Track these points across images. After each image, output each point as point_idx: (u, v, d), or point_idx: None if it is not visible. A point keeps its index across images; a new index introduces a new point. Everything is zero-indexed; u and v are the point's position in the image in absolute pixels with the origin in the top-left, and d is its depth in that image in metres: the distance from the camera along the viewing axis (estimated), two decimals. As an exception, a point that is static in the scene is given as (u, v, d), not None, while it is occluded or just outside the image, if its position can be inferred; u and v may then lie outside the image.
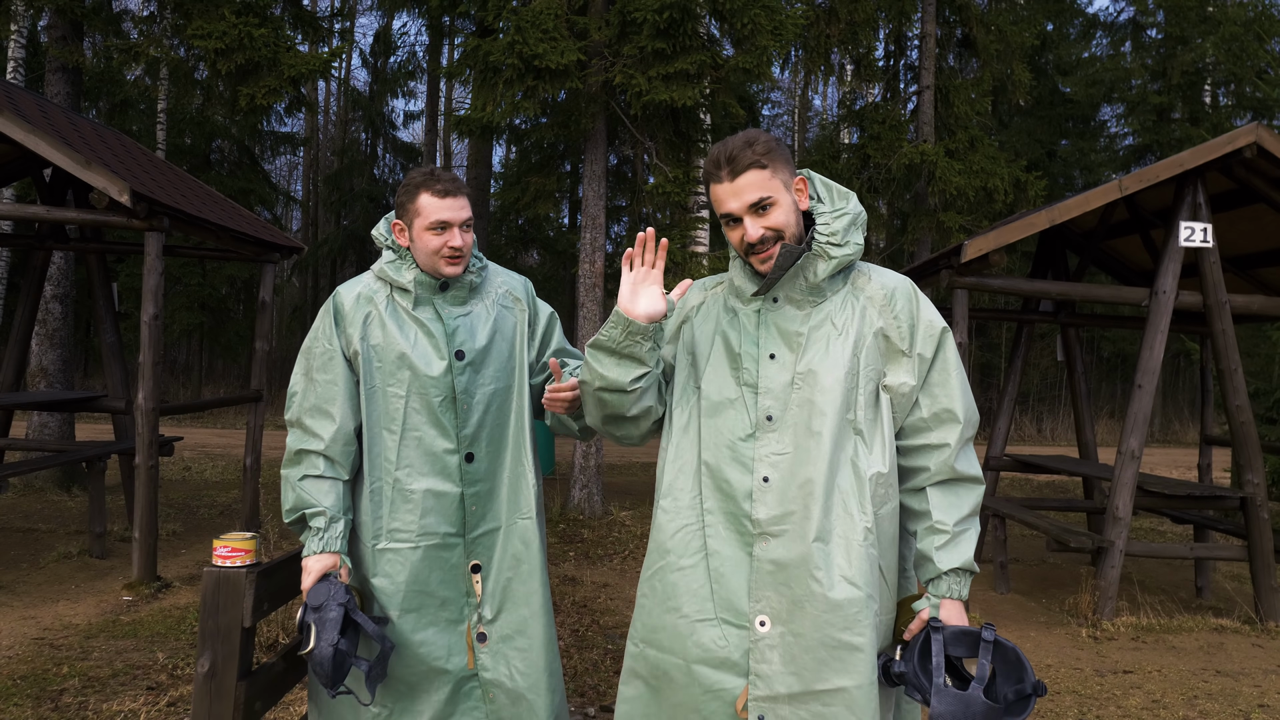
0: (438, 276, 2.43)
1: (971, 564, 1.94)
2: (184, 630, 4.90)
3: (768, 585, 1.93)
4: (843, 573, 1.89)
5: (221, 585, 2.30)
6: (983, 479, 2.00)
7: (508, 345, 2.53)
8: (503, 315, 2.54)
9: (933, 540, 1.95)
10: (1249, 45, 19.02)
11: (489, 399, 2.47)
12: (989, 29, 13.55)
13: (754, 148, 1.92)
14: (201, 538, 7.24)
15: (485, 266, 2.58)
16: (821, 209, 2.02)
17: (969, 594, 1.98)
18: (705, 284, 2.22)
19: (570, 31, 8.57)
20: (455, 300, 2.48)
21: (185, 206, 5.91)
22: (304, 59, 8.94)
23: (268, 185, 21.31)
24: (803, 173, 2.05)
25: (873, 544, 1.91)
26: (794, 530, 1.92)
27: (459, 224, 2.40)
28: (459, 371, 2.43)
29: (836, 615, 1.87)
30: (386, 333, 2.42)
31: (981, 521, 7.32)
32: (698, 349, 2.13)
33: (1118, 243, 7.73)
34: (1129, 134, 22.65)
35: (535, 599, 2.46)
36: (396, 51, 25.83)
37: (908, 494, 2.02)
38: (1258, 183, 5.88)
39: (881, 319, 1.99)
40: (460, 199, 2.41)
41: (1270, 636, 5.69)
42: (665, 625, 2.03)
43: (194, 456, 12.25)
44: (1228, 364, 5.94)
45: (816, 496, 1.91)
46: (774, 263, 1.95)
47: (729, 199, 1.94)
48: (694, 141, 9.78)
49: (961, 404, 1.98)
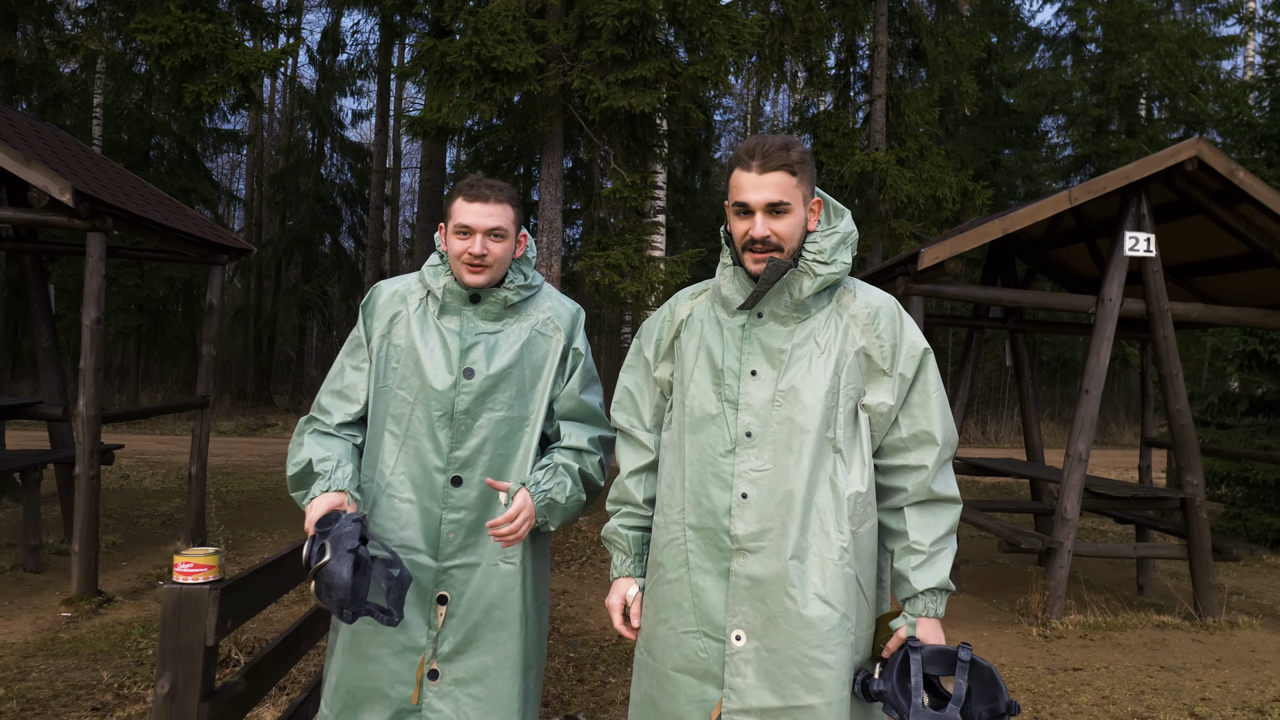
0: (465, 286, 2.32)
1: (947, 583, 1.96)
2: (128, 647, 4.74)
3: (744, 600, 1.94)
4: (817, 591, 1.90)
5: (183, 603, 2.21)
6: (959, 499, 2.02)
7: (533, 374, 2.37)
8: (535, 341, 2.38)
9: (909, 560, 1.97)
10: (1183, 61, 19.60)
11: (495, 425, 2.32)
12: (938, 40, 13.76)
13: (790, 152, 1.91)
14: (143, 549, 7.03)
15: (534, 287, 2.42)
16: (816, 226, 2.02)
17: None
18: (691, 292, 2.20)
19: (528, 34, 8.51)
20: (487, 315, 2.36)
21: (130, 206, 5.74)
22: (253, 56, 8.75)
23: (210, 184, 20.84)
24: (817, 194, 2.04)
25: (849, 563, 1.92)
26: (771, 547, 1.93)
27: (483, 231, 2.27)
28: (463, 390, 2.31)
29: (809, 633, 1.89)
30: (409, 335, 2.35)
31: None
32: (684, 363, 2.12)
33: (1063, 251, 7.89)
34: (1068, 145, 23.19)
35: (504, 649, 2.30)
36: (345, 49, 25.44)
37: (885, 513, 2.03)
38: (1197, 195, 6.04)
39: (864, 338, 1.99)
40: (492, 205, 2.28)
41: (1209, 632, 5.85)
42: (657, 635, 2.07)
43: (132, 464, 11.91)
44: (1169, 369, 6.09)
45: (794, 514, 1.92)
46: (762, 275, 1.94)
47: (750, 190, 1.92)
48: (650, 147, 9.78)
49: (940, 426, 1.99)
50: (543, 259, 9.23)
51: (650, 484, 2.19)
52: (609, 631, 5.37)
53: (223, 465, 12.13)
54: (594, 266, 9.06)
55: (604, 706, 4.17)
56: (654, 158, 9.96)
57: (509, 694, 2.30)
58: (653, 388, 2.21)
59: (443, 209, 2.49)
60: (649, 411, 2.21)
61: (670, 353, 2.17)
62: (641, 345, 2.23)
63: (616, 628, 2.19)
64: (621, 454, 2.25)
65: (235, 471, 11.63)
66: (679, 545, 2.04)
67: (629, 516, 2.22)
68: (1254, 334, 9.33)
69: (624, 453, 2.24)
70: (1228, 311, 6.17)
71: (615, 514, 2.24)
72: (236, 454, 13.58)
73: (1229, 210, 6.05)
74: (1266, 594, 7.21)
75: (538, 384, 2.38)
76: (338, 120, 26.18)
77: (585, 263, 9.17)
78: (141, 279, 18.68)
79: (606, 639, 5.22)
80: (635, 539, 2.20)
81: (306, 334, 29.05)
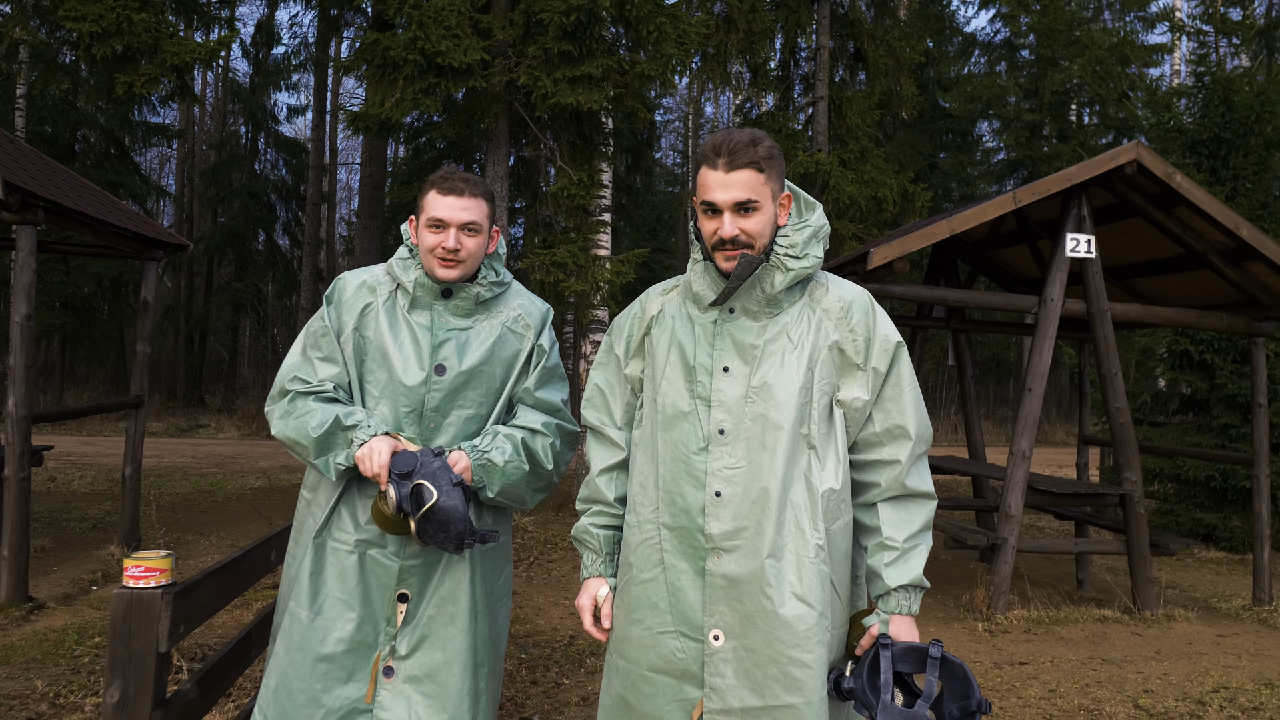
0: (437, 280, 2.28)
1: (921, 580, 1.96)
2: (63, 655, 4.56)
3: (720, 600, 1.92)
4: (794, 590, 1.89)
5: (134, 608, 2.13)
6: (934, 494, 2.02)
7: (502, 372, 2.35)
8: (506, 339, 2.36)
9: (882, 556, 1.96)
10: (1112, 69, 20.17)
11: (464, 423, 2.30)
12: (879, 44, 13.95)
13: (757, 148, 1.89)
14: (74, 554, 6.78)
15: (505, 284, 2.40)
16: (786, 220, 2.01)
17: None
18: (663, 288, 2.18)
19: (474, 29, 8.41)
20: (458, 311, 2.32)
21: (62, 199, 5.53)
22: (189, 47, 8.49)
23: (139, 178, 20.24)
24: (787, 187, 2.02)
25: (824, 560, 1.91)
26: (746, 546, 1.91)
27: (457, 225, 2.24)
28: (434, 386, 2.27)
29: (787, 632, 1.87)
30: (378, 328, 2.30)
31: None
32: (655, 359, 2.09)
33: (1004, 252, 8.05)
34: (1003, 149, 23.71)
35: (455, 645, 2.26)
36: (280, 43, 24.93)
37: (859, 508, 2.02)
38: (1136, 198, 6.20)
39: (837, 332, 1.98)
40: (466, 199, 2.25)
41: (1147, 625, 6.01)
42: (631, 637, 2.04)
43: (60, 466, 11.50)
44: (1109, 368, 6.24)
45: (769, 512, 1.90)
46: (733, 271, 1.92)
47: (717, 189, 1.90)
48: (596, 145, 9.74)
49: (914, 420, 1.98)
50: (489, 257, 9.12)
51: (621, 482, 2.16)
52: (560, 632, 5.32)
53: (155, 467, 11.77)
54: (540, 265, 8.99)
55: (559, 708, 4.13)
56: (600, 156, 9.92)
57: (459, 691, 2.26)
58: (624, 385, 2.18)
59: (384, 206, 2.40)
60: (620, 409, 2.18)
61: (641, 349, 2.14)
62: (612, 342, 2.20)
63: (587, 629, 2.14)
64: (592, 452, 2.21)
65: (168, 473, 11.30)
66: (653, 544, 2.01)
67: (600, 515, 2.18)
68: (1185, 334, 9.63)
69: (595, 451, 2.21)
70: (1165, 312, 6.35)
71: (585, 512, 2.21)
72: (169, 455, 13.21)
73: (1166, 213, 6.22)
74: (1199, 587, 7.44)
75: (507, 382, 2.37)
76: (272, 115, 25.63)
77: (530, 260, 9.10)
78: (67, 275, 18.07)
79: (558, 640, 5.18)
80: (606, 538, 2.17)
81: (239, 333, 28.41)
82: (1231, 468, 9.13)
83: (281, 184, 25.34)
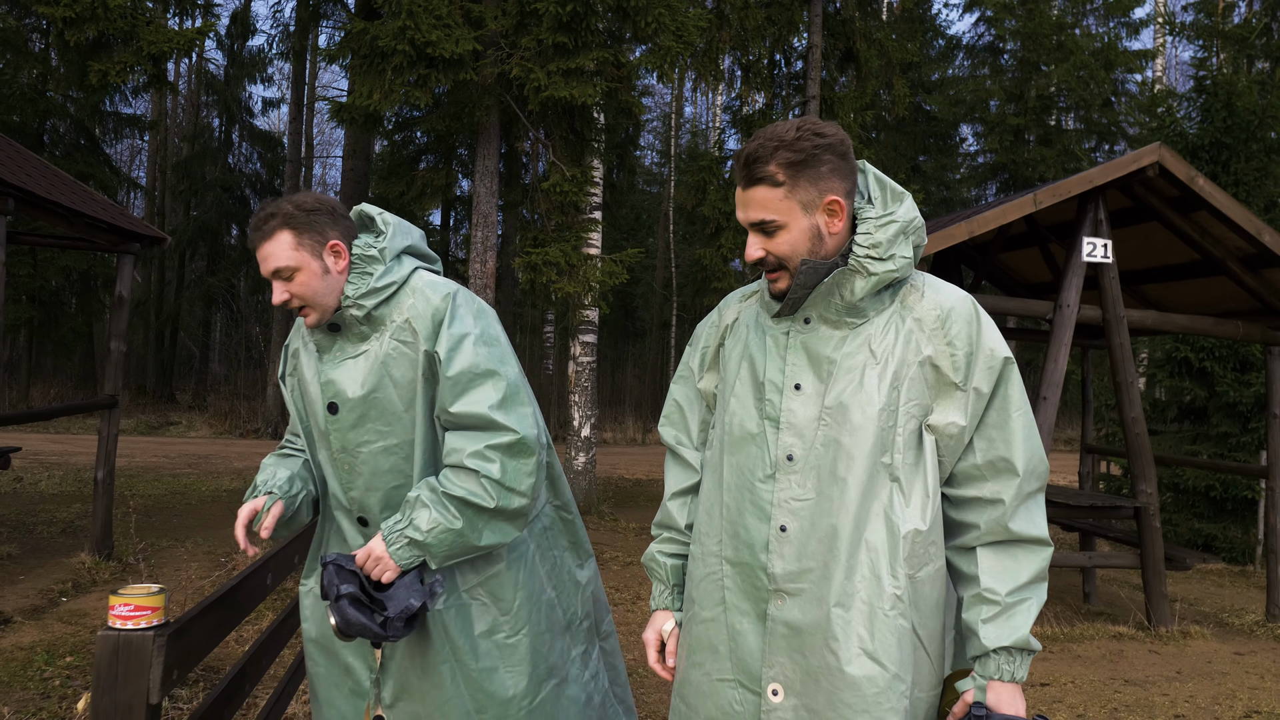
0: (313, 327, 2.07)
1: (1028, 641, 1.64)
2: (31, 677, 4.25)
3: (781, 651, 1.68)
4: (863, 645, 1.62)
5: (121, 653, 1.85)
6: (1047, 540, 1.70)
7: (404, 392, 2.01)
8: (395, 356, 2.00)
9: (980, 611, 1.66)
10: (1096, 73, 20.17)
11: (376, 458, 2.03)
12: (870, 43, 13.80)
13: (778, 155, 1.63)
14: (42, 561, 6.44)
15: (387, 288, 2.02)
16: (868, 212, 1.70)
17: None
18: (742, 293, 1.93)
19: (465, 19, 8.13)
20: (356, 339, 2.04)
21: (33, 187, 5.20)
22: (166, 34, 8.16)
23: (109, 170, 19.76)
24: (860, 165, 1.75)
25: (904, 613, 1.63)
26: (811, 591, 1.66)
27: (271, 276, 1.98)
28: (334, 426, 2.04)
29: (853, 695, 1.61)
30: (303, 373, 2.13)
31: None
32: (726, 374, 1.85)
33: (1011, 257, 7.89)
34: (984, 152, 23.68)
35: (432, 698, 2.04)
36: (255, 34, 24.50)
37: (955, 552, 1.73)
38: (1155, 201, 6.04)
39: (931, 345, 1.69)
40: (266, 246, 1.97)
41: (1163, 642, 5.85)
42: (690, 681, 1.81)
43: (26, 465, 11.08)
44: (1125, 376, 6.08)
45: (839, 553, 1.64)
46: (795, 280, 1.68)
47: (738, 207, 1.69)
48: (588, 141, 9.49)
49: (1023, 451, 1.68)
50: (477, 254, 8.85)
51: (695, 508, 1.93)
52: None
53: (126, 466, 11.39)
54: (532, 264, 8.73)
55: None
56: (592, 152, 9.67)
57: None
58: (700, 401, 1.94)
59: (367, 200, 2.14)
60: (696, 426, 1.94)
61: (716, 362, 1.90)
62: (689, 354, 1.97)
63: (651, 665, 1.91)
64: (668, 473, 1.98)
65: (139, 474, 10.92)
66: (715, 580, 1.77)
67: (669, 543, 1.95)
68: (1185, 341, 9.52)
69: (670, 472, 1.97)
70: (1180, 319, 6.19)
71: (656, 539, 1.98)
72: (139, 455, 12.79)
73: (1184, 217, 6.06)
74: (1206, 601, 7.30)
75: (414, 402, 2.02)
76: (247, 108, 25.23)
77: (522, 259, 8.83)
78: (35, 268, 17.57)
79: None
80: (674, 568, 1.94)
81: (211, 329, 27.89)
82: (1232, 477, 9.03)
83: (256, 178, 24.95)
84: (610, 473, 13.74)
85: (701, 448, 1.94)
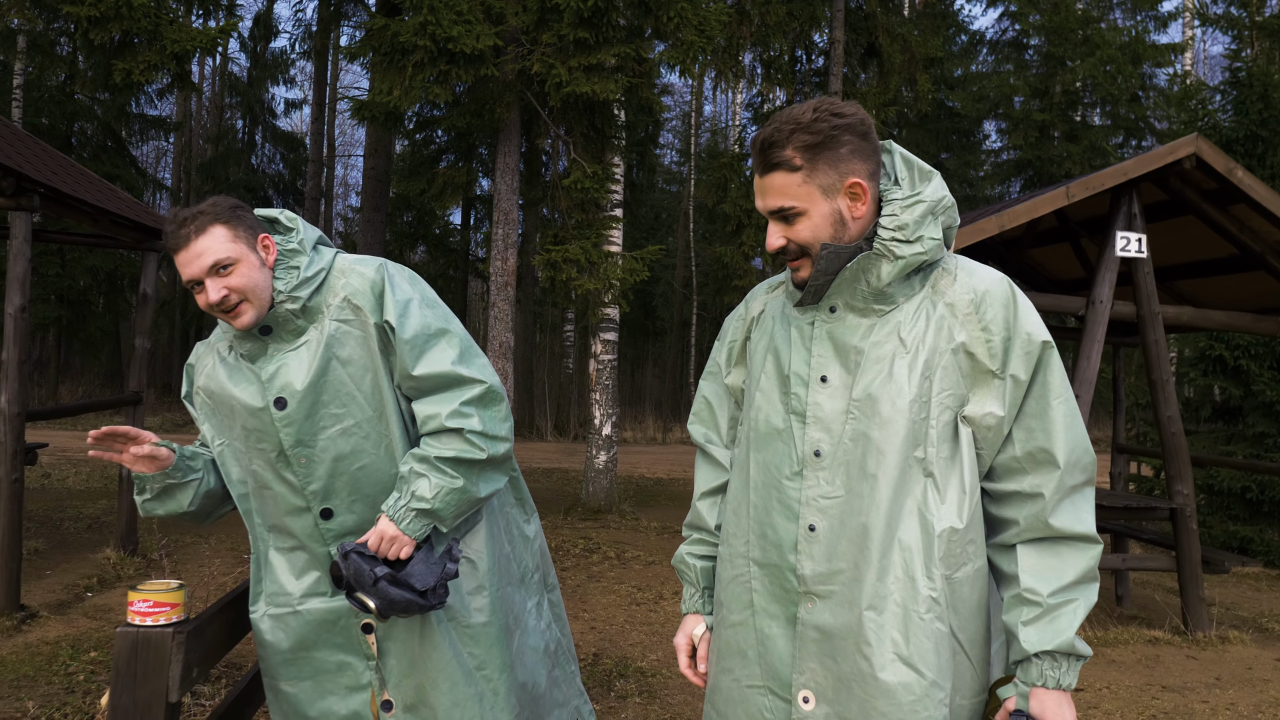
0: (243, 331, 1.99)
1: (1074, 645, 1.54)
2: (56, 671, 4.25)
3: (811, 656, 1.61)
4: (898, 650, 1.55)
5: (140, 650, 1.83)
6: (1096, 538, 1.60)
7: (357, 372, 2.00)
8: (340, 336, 1.99)
9: (1020, 613, 1.56)
10: (1124, 68, 19.90)
11: (338, 441, 2.01)
12: (894, 39, 13.67)
13: (795, 139, 1.55)
14: (69, 557, 6.47)
15: (316, 275, 2.01)
16: (894, 194, 1.61)
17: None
18: (769, 284, 1.86)
19: (485, 15, 8.10)
20: (290, 335, 2.00)
21: (59, 184, 5.21)
22: (190, 33, 8.18)
23: (135, 171, 19.96)
24: (885, 145, 1.68)
25: (940, 616, 1.55)
26: (841, 593, 1.58)
27: (207, 275, 1.90)
28: (283, 423, 1.98)
29: (888, 703, 1.53)
30: (221, 383, 2.05)
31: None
32: (752, 368, 1.79)
33: (1037, 252, 7.76)
34: (1008, 149, 23.43)
35: (433, 663, 2.04)
36: (278, 34, 24.67)
37: (995, 550, 1.64)
38: (1191, 194, 5.91)
39: (965, 331, 1.59)
40: (200, 241, 1.90)
41: (1200, 648, 5.71)
42: (721, 687, 1.75)
43: (54, 462, 11.18)
44: (1159, 374, 5.96)
45: (869, 554, 1.56)
46: (817, 266, 1.60)
47: (757, 195, 1.62)
48: (609, 138, 9.44)
49: (1065, 442, 1.58)
50: (498, 251, 8.82)
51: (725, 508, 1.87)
52: (580, 649, 5.02)
53: (151, 466, 11.44)
54: (553, 261, 8.69)
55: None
56: (613, 149, 9.62)
57: (453, 704, 2.05)
58: (728, 397, 1.88)
59: (388, 199, 2.09)
60: (726, 424, 1.88)
61: (743, 356, 1.84)
62: (717, 349, 1.91)
63: (683, 671, 1.86)
64: (698, 472, 1.92)
65: (165, 473, 10.97)
66: (743, 583, 1.71)
67: (699, 544, 1.89)
68: (1220, 339, 9.35)
69: (700, 471, 1.91)
70: (1218, 316, 6.06)
71: (686, 540, 1.91)
72: (165, 454, 12.86)
73: (1221, 211, 5.93)
74: (1243, 605, 7.15)
75: (367, 377, 2.01)
76: (269, 109, 25.42)
77: (543, 257, 8.79)
78: (63, 268, 17.76)
79: (580, 659, 4.88)
80: (704, 571, 1.88)
81: (236, 328, 28.01)
82: (1269, 478, 8.84)
83: (279, 178, 25.13)
84: (631, 472, 13.69)
85: (731, 445, 1.88)
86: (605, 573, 6.77)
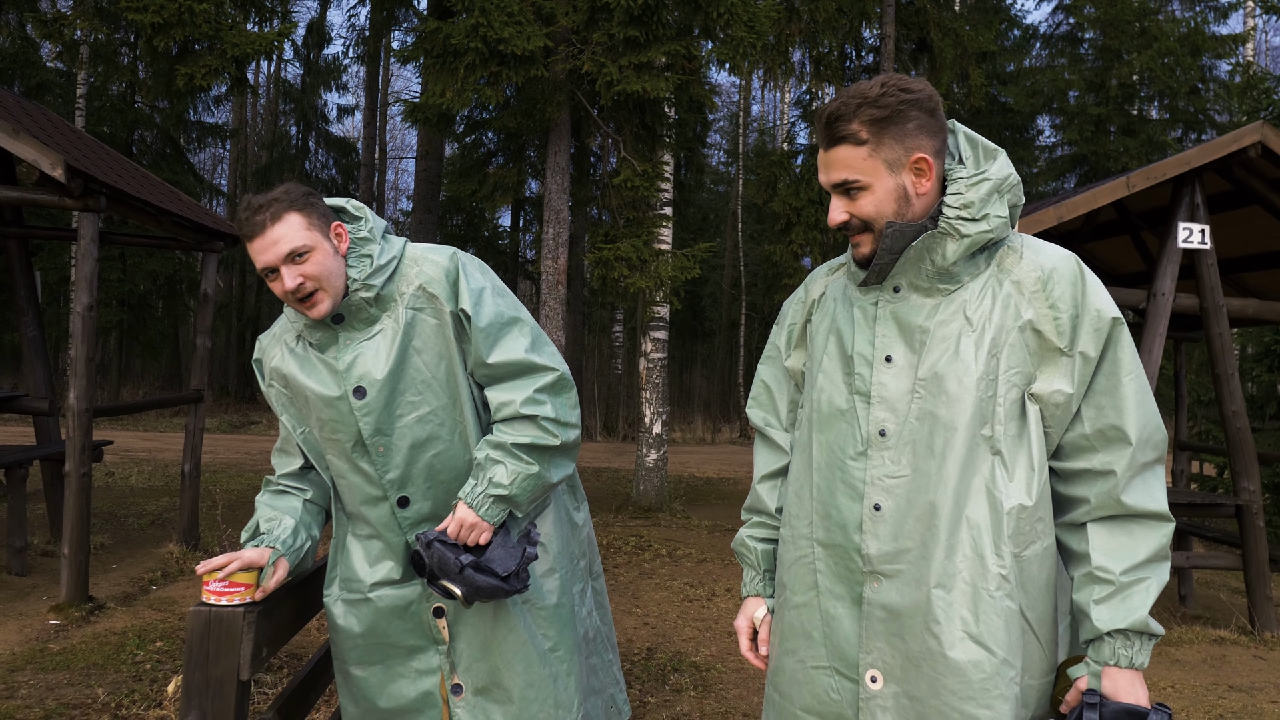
0: (315, 320, 2.00)
1: (1147, 624, 1.52)
2: (124, 660, 4.36)
3: (879, 635, 1.60)
4: (967, 628, 1.53)
5: (213, 629, 1.87)
6: (1168, 515, 1.58)
7: (433, 359, 2.02)
8: (417, 324, 2.01)
9: (1091, 591, 1.54)
10: (1183, 60, 19.43)
11: (415, 429, 2.03)
12: (945, 33, 13.51)
13: (861, 112, 1.54)
14: (133, 551, 6.63)
15: (389, 263, 2.02)
16: (959, 172, 1.61)
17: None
18: (829, 266, 1.86)
19: (536, 16, 8.16)
20: (364, 323, 2.01)
21: (123, 186, 5.35)
22: (248, 37, 8.37)
23: (193, 177, 20.41)
24: (950, 125, 1.66)
25: (1010, 594, 1.54)
26: (909, 572, 1.57)
27: (283, 262, 1.90)
28: (362, 412, 2.00)
29: (958, 681, 1.52)
30: (293, 373, 2.06)
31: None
32: (814, 349, 1.78)
33: (1095, 246, 7.62)
34: (1063, 144, 23.00)
35: (509, 645, 2.06)
36: (330, 42, 25.10)
37: (1065, 529, 1.62)
38: (1256, 184, 5.76)
39: (1032, 308, 1.58)
40: (272, 229, 1.89)
41: (1269, 648, 5.56)
42: (784, 669, 1.75)
43: (117, 461, 11.47)
44: (1224, 368, 5.81)
45: (938, 532, 1.55)
46: (881, 245, 1.60)
47: (820, 169, 1.62)
48: (659, 136, 9.45)
49: (1136, 419, 1.56)
50: (549, 250, 8.87)
51: (785, 490, 1.86)
52: (635, 645, 5.03)
53: (210, 463, 11.70)
54: (604, 259, 8.72)
55: (647, 728, 3.84)
56: (663, 146, 9.63)
57: (526, 690, 2.07)
58: (788, 380, 1.88)
59: (439, 200, 2.12)
60: (785, 407, 1.88)
61: (803, 339, 1.84)
62: (775, 333, 1.90)
63: (744, 654, 1.86)
64: (757, 455, 1.92)
65: (223, 470, 11.21)
66: (807, 564, 1.70)
67: (759, 527, 1.89)
68: (1284, 333, 9.09)
69: (759, 454, 1.91)
70: (1285, 307, 5.90)
71: (746, 523, 1.92)
72: (223, 452, 13.15)
73: (1288, 200, 5.78)
74: (1311, 602, 6.94)
75: (443, 365, 2.03)
76: (322, 115, 25.85)
77: (594, 255, 8.83)
78: (124, 273, 18.23)
79: (635, 653, 4.88)
80: (765, 553, 1.88)
81: (291, 330, 28.53)
82: (1339, 476, 8.59)
83: (331, 183, 25.53)
84: (681, 471, 13.68)
85: (791, 429, 1.87)
86: (657, 570, 6.77)
